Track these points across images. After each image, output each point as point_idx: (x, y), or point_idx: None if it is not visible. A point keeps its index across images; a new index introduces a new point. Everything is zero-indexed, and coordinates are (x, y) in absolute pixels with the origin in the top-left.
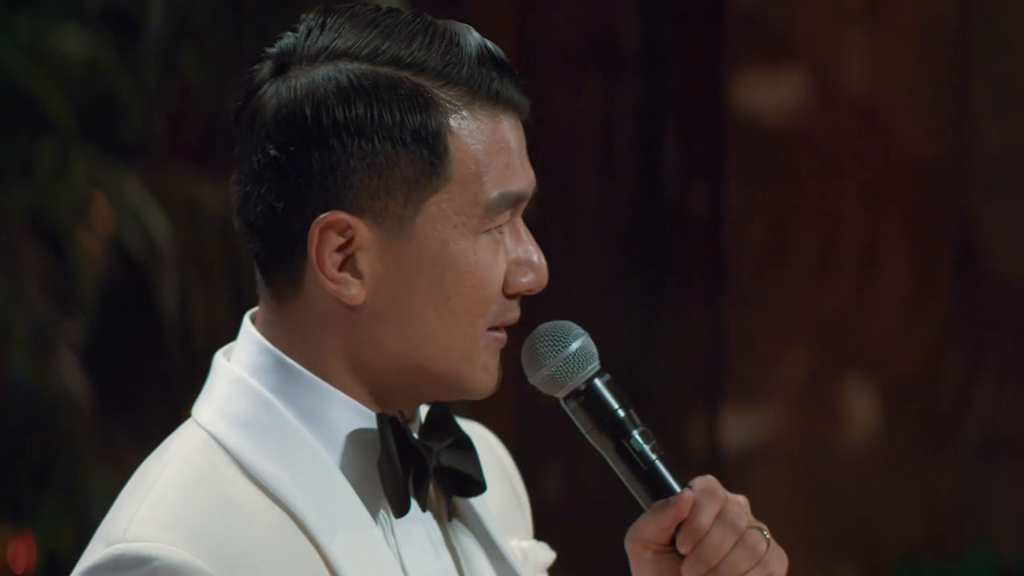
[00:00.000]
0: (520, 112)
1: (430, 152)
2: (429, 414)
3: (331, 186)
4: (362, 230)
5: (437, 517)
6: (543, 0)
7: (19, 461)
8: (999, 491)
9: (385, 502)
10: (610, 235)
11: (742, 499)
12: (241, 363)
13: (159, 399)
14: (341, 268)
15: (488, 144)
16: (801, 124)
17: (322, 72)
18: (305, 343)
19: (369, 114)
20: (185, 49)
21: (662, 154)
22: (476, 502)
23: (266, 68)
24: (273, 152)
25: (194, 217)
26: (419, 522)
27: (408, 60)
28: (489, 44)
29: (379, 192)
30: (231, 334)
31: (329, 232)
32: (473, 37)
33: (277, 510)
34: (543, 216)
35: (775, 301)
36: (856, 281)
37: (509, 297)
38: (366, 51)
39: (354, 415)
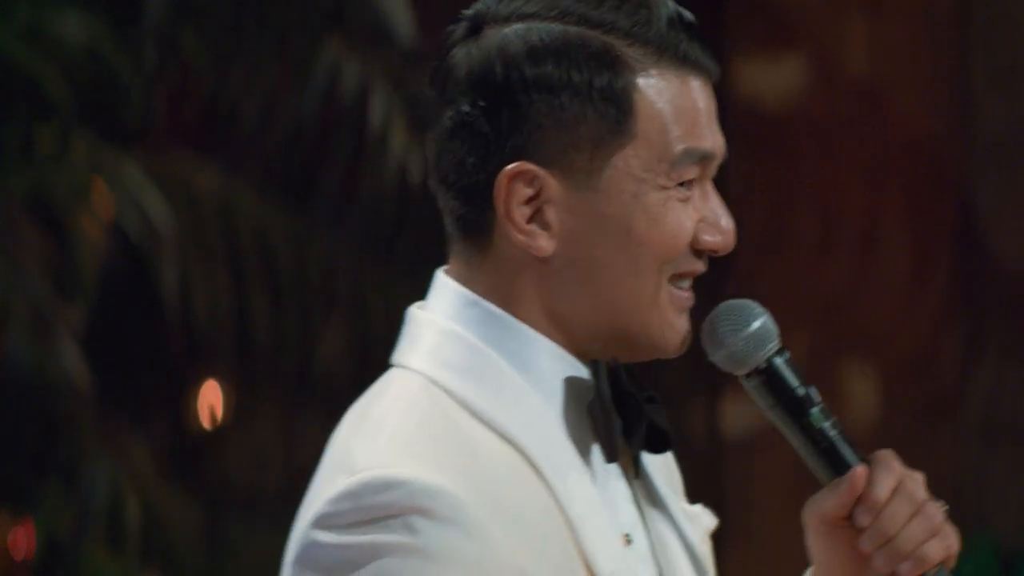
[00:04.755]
0: (709, 75)
1: (617, 110)
2: (625, 368)
3: (519, 141)
4: (550, 182)
5: (625, 473)
6: None
7: (19, 446)
8: (999, 473)
9: (592, 449)
10: None
11: (918, 475)
12: (446, 315)
13: (159, 383)
14: (530, 220)
15: (674, 102)
16: (802, 106)
17: (513, 31)
18: (504, 296)
19: (558, 71)
20: (185, 32)
21: None
22: (649, 463)
23: (460, 30)
24: (465, 109)
25: (194, 201)
26: (613, 475)
27: (597, 20)
28: (681, 9)
29: (566, 147)
30: (232, 318)
31: (517, 183)
32: (664, 1)
33: (508, 448)
34: None
35: (775, 283)
36: (856, 263)
37: (695, 253)
38: (555, 12)
39: (563, 363)
